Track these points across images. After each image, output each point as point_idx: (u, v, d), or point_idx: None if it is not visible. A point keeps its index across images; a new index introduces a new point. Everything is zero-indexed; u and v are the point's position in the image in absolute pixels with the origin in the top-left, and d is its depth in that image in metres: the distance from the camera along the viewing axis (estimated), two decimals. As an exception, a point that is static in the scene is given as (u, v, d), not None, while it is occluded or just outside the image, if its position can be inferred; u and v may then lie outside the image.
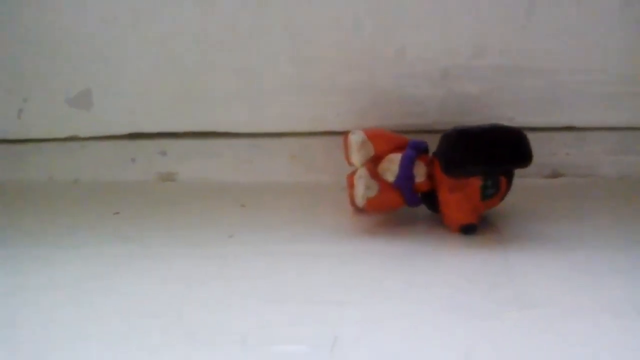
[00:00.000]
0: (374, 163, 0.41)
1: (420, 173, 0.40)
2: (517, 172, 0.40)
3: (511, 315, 0.32)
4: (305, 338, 0.31)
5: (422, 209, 0.42)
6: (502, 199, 0.41)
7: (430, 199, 0.41)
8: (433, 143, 0.41)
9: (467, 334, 0.30)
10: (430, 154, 0.41)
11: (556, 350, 0.29)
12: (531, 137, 0.39)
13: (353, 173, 0.42)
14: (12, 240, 0.43)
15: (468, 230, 0.40)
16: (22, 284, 0.37)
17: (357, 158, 0.41)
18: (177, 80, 0.49)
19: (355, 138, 0.41)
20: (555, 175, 0.48)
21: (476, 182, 0.39)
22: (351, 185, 0.43)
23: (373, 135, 0.41)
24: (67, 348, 0.31)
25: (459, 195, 0.39)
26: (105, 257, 0.40)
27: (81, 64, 0.50)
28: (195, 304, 0.34)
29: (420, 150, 0.41)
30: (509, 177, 0.40)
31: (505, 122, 0.41)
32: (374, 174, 0.41)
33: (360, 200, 0.40)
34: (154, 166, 0.51)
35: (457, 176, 0.39)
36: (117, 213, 0.46)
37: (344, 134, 0.43)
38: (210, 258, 0.39)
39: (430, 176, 0.41)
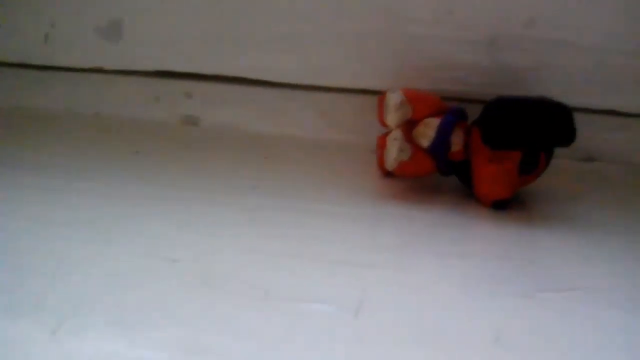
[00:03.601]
0: (409, 126, 0.40)
1: (457, 141, 0.39)
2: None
3: (545, 295, 0.30)
4: (330, 298, 0.29)
5: (450, 180, 0.41)
6: (538, 176, 0.39)
7: (462, 169, 0.40)
8: (472, 112, 0.40)
9: (499, 309, 0.29)
10: (469, 122, 0.40)
11: (593, 335, 0.28)
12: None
13: (385, 134, 0.41)
14: (28, 168, 0.42)
15: (501, 205, 0.38)
16: (38, 216, 0.36)
17: (393, 119, 0.39)
18: (212, 21, 0.47)
19: (394, 98, 0.39)
20: (589, 159, 0.46)
21: (516, 156, 0.37)
22: (381, 147, 0.41)
23: (412, 97, 0.39)
24: (75, 283, 0.30)
25: (496, 168, 0.38)
26: (123, 197, 0.38)
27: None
28: (215, 252, 0.33)
29: (459, 117, 0.39)
30: (549, 155, 0.39)
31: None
32: (408, 137, 0.39)
33: (391, 163, 0.39)
34: (178, 108, 0.49)
35: (498, 147, 0.37)
36: (137, 152, 0.44)
37: (380, 93, 0.41)
38: (233, 207, 0.37)
39: (466, 146, 0.39)
